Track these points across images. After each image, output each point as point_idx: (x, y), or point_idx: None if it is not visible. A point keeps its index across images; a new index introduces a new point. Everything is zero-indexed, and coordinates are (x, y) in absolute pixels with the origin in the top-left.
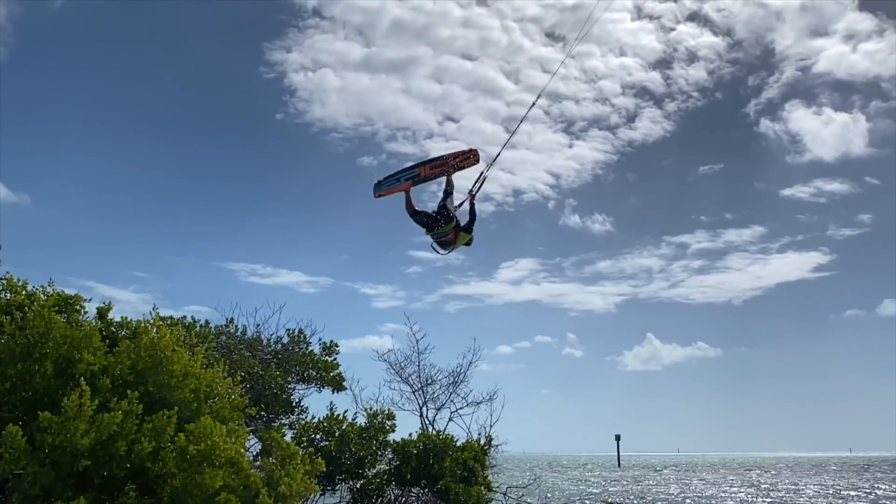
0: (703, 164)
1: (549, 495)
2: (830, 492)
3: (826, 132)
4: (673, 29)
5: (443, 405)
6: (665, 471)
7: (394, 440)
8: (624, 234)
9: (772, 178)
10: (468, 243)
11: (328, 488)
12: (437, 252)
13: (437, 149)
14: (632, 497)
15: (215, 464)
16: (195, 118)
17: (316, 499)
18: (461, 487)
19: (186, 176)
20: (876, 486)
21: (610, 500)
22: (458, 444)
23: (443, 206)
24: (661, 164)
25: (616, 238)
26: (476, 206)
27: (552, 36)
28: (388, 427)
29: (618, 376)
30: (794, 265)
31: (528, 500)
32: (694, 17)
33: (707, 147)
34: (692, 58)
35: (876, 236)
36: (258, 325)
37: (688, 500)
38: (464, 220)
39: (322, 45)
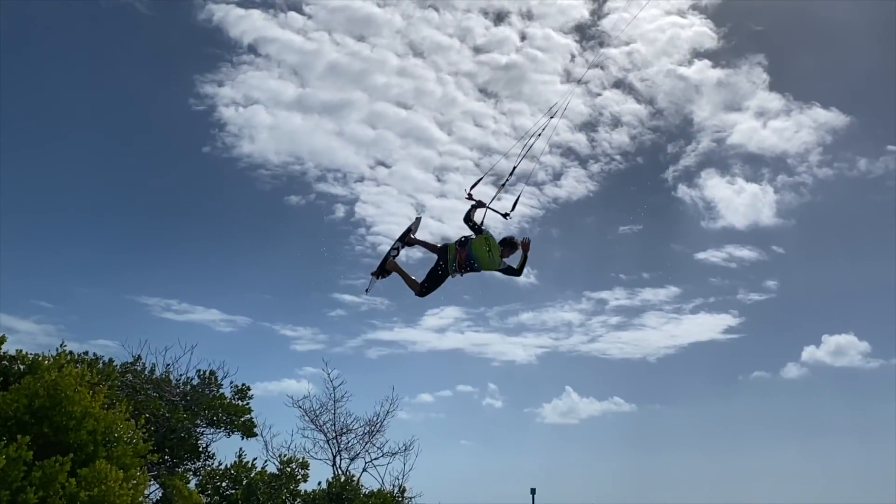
0: (623, 224)
1: None
2: None
3: (738, 201)
4: (599, 94)
5: (357, 455)
6: None
7: (305, 490)
8: (547, 287)
9: (687, 242)
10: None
11: None
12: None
13: (368, 192)
14: None
15: None
16: (115, 144)
17: None
18: None
19: (102, 203)
20: None
21: None
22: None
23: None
24: (583, 221)
25: (539, 290)
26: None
27: (485, 92)
28: (300, 476)
29: (536, 428)
30: (706, 326)
31: None
32: (619, 84)
33: (627, 208)
34: (616, 123)
35: (781, 302)
36: (168, 365)
37: None
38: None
39: (255, 81)
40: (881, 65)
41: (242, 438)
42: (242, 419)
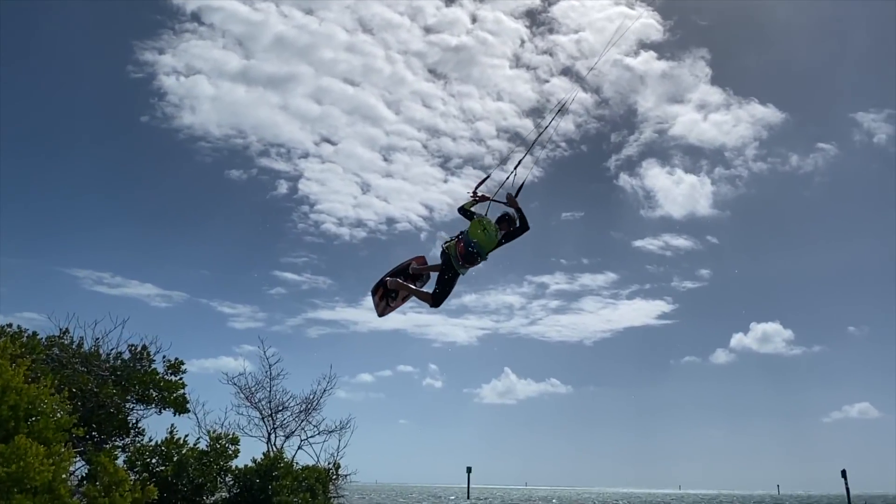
0: (565, 210)
1: None
2: None
3: (676, 191)
4: (547, 81)
5: (293, 432)
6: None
7: (236, 466)
8: (490, 271)
9: (626, 229)
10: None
11: None
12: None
13: (313, 169)
14: None
15: (28, 489)
16: (48, 111)
17: None
18: (297, 499)
19: (33, 172)
20: None
21: None
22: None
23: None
24: (528, 206)
25: (482, 274)
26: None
27: (434, 72)
28: (230, 452)
29: (474, 408)
30: (641, 311)
31: None
32: (567, 72)
33: (570, 195)
34: (562, 110)
35: (713, 290)
36: (97, 339)
37: None
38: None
39: (198, 50)
40: (816, 65)
41: (175, 415)
42: (175, 395)
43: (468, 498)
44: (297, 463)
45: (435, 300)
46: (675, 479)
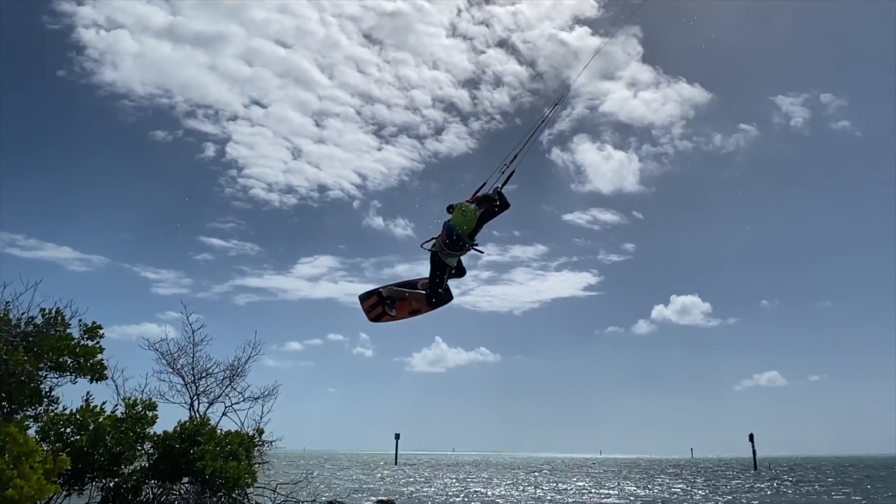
0: (498, 182)
1: (322, 491)
2: (589, 490)
3: (605, 167)
4: (483, 52)
5: (217, 398)
6: (439, 469)
7: (155, 433)
8: (423, 240)
9: (557, 203)
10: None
11: (76, 488)
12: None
13: (242, 132)
14: (401, 493)
15: None
16: None
17: (60, 500)
18: (220, 464)
19: None
20: (624, 485)
21: (381, 497)
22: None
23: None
24: (462, 177)
25: (416, 243)
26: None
27: (369, 38)
28: (148, 418)
29: (405, 377)
30: (569, 283)
31: (298, 497)
32: (503, 44)
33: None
34: (498, 82)
35: (636, 264)
36: (7, 303)
37: (456, 497)
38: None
39: (120, 3)
40: (743, 47)
41: (91, 382)
42: (91, 361)
43: (396, 463)
44: (220, 429)
45: (427, 299)
46: (597, 444)
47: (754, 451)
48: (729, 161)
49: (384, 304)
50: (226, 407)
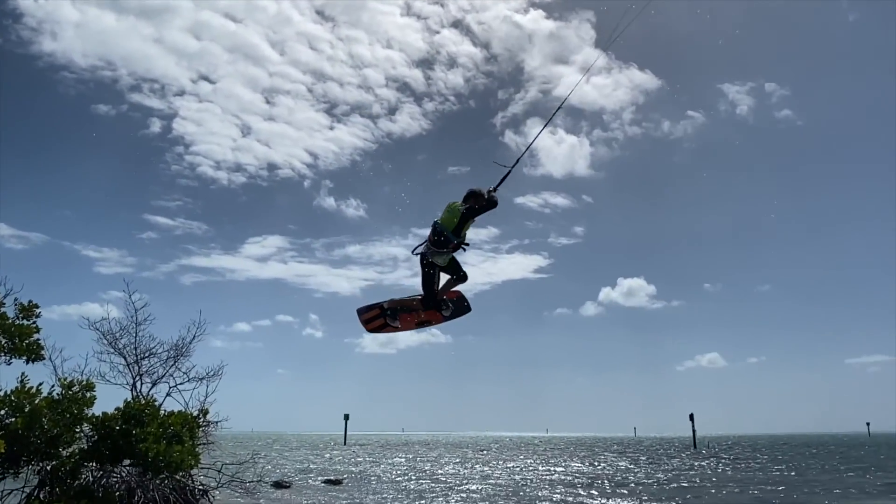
0: (452, 164)
1: (269, 472)
2: (536, 467)
3: (557, 151)
4: (438, 32)
5: (160, 379)
6: (388, 448)
7: (94, 414)
8: (375, 222)
9: (509, 186)
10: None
11: (11, 472)
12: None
13: (189, 108)
14: (349, 473)
15: None
16: None
17: None
18: (162, 447)
19: None
20: (570, 463)
21: (329, 477)
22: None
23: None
24: (415, 159)
25: (368, 224)
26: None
27: (322, 14)
28: (86, 399)
29: (355, 358)
30: (520, 265)
31: (244, 478)
32: (457, 24)
33: (457, 149)
34: (452, 63)
35: (585, 247)
36: None
37: (405, 476)
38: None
39: None
40: (693, 35)
41: (27, 363)
42: (27, 342)
43: (345, 444)
44: (164, 410)
45: (428, 304)
46: (544, 423)
47: (694, 431)
48: (677, 147)
49: (385, 316)
50: (170, 387)
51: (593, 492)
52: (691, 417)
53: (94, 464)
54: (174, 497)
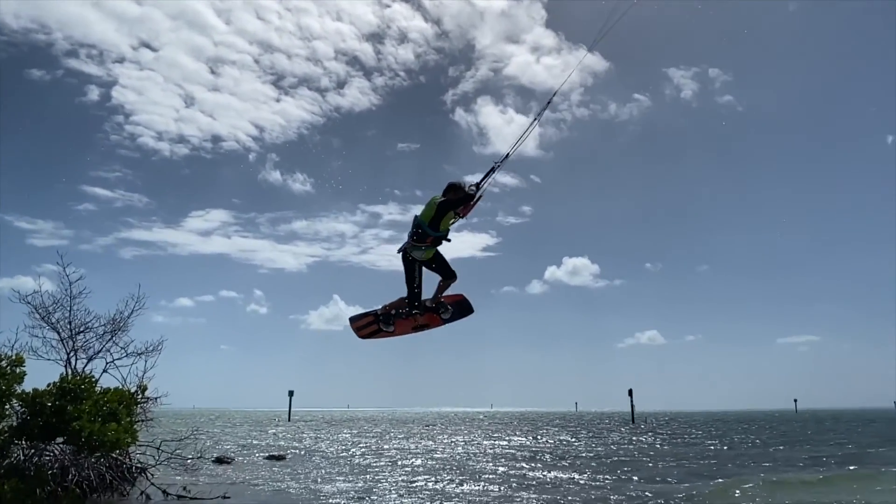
0: (402, 141)
1: (210, 448)
2: (477, 441)
3: (507, 130)
4: (388, 6)
5: (96, 354)
6: (333, 424)
7: (24, 391)
8: (322, 197)
9: (459, 164)
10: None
11: None
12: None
13: (129, 76)
14: (293, 448)
15: None
16: None
17: None
18: (97, 426)
19: None
20: (513, 437)
21: (272, 452)
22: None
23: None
24: (365, 134)
25: (315, 200)
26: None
27: None
28: (15, 374)
29: (301, 334)
30: (468, 244)
31: (184, 454)
32: None
33: (407, 126)
34: (403, 38)
35: (533, 226)
36: None
37: (348, 451)
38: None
39: None
40: (641, 18)
41: None
42: None
43: (289, 420)
44: (100, 386)
45: (413, 304)
46: (488, 399)
47: (632, 406)
48: (623, 129)
49: (379, 322)
50: (107, 363)
51: (535, 465)
52: (630, 393)
53: (24, 441)
54: (110, 475)
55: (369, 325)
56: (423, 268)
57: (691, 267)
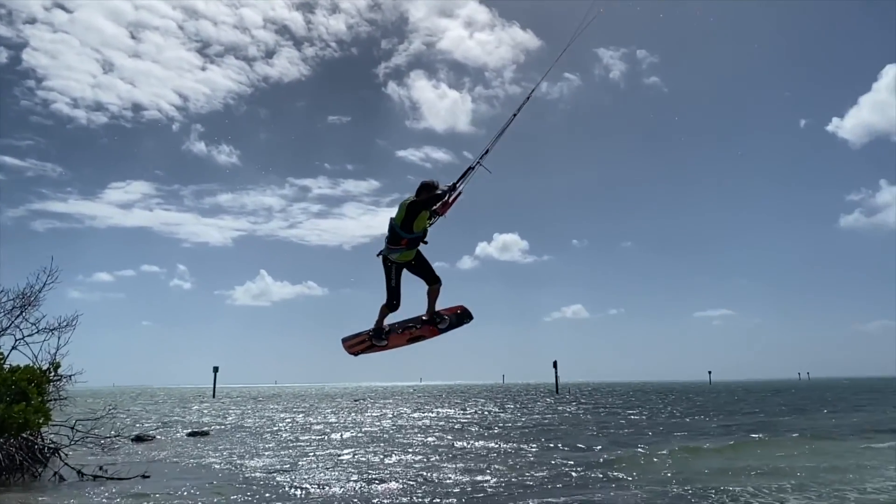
0: (332, 114)
1: (130, 426)
2: (410, 413)
3: (440, 105)
4: None
5: (4, 330)
6: (260, 401)
7: None
8: (249, 170)
9: (391, 139)
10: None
11: None
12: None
13: (41, 38)
14: (217, 424)
15: None
16: None
17: None
18: (3, 407)
19: None
20: (441, 409)
21: (194, 429)
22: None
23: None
24: (294, 105)
25: (241, 172)
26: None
27: None
28: None
29: (226, 310)
30: None
31: (100, 433)
32: None
33: (338, 98)
34: (334, 8)
35: (464, 202)
36: None
37: (273, 426)
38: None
39: None
40: None
41: None
42: None
43: (214, 396)
44: (8, 364)
45: (393, 304)
46: (418, 373)
47: (557, 377)
48: (553, 108)
49: (371, 338)
50: (16, 340)
51: (463, 436)
52: (555, 365)
53: None
54: (20, 456)
55: (361, 343)
56: (404, 270)
57: (616, 243)
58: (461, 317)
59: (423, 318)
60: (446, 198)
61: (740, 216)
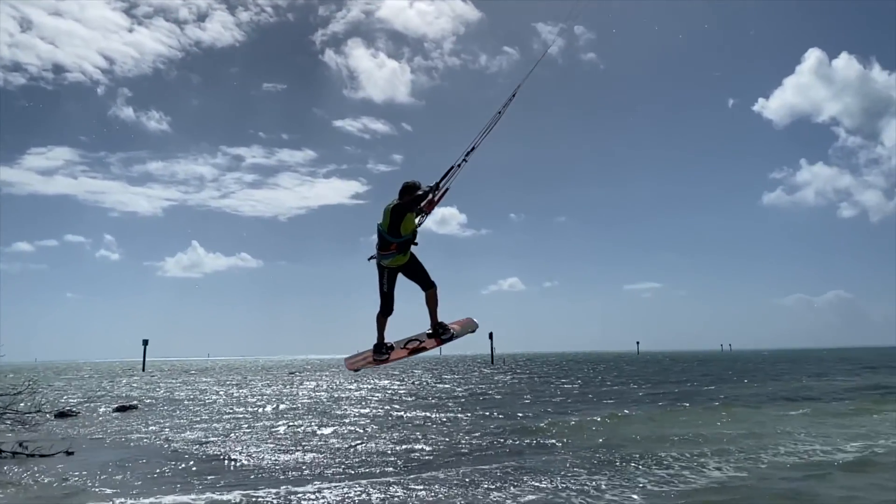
0: (267, 81)
1: (53, 402)
2: (340, 385)
3: (378, 75)
4: None
5: None
6: (191, 374)
7: None
8: (181, 137)
9: (328, 108)
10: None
11: None
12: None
13: None
14: (146, 398)
15: None
16: None
17: None
18: None
19: None
20: (378, 380)
21: (121, 403)
22: None
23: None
24: (227, 72)
25: (172, 140)
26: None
27: None
28: None
29: (156, 282)
30: (337, 191)
31: (19, 409)
32: None
33: (273, 65)
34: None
35: (403, 174)
36: None
37: (204, 399)
38: None
39: None
40: None
41: None
42: None
43: (143, 370)
44: None
45: (387, 310)
46: (355, 346)
47: (493, 348)
48: (492, 81)
49: (374, 353)
50: None
51: (399, 406)
52: (490, 336)
53: None
54: None
55: (364, 360)
56: (398, 274)
57: (551, 217)
58: (466, 327)
59: (428, 332)
60: (431, 196)
61: (670, 191)
